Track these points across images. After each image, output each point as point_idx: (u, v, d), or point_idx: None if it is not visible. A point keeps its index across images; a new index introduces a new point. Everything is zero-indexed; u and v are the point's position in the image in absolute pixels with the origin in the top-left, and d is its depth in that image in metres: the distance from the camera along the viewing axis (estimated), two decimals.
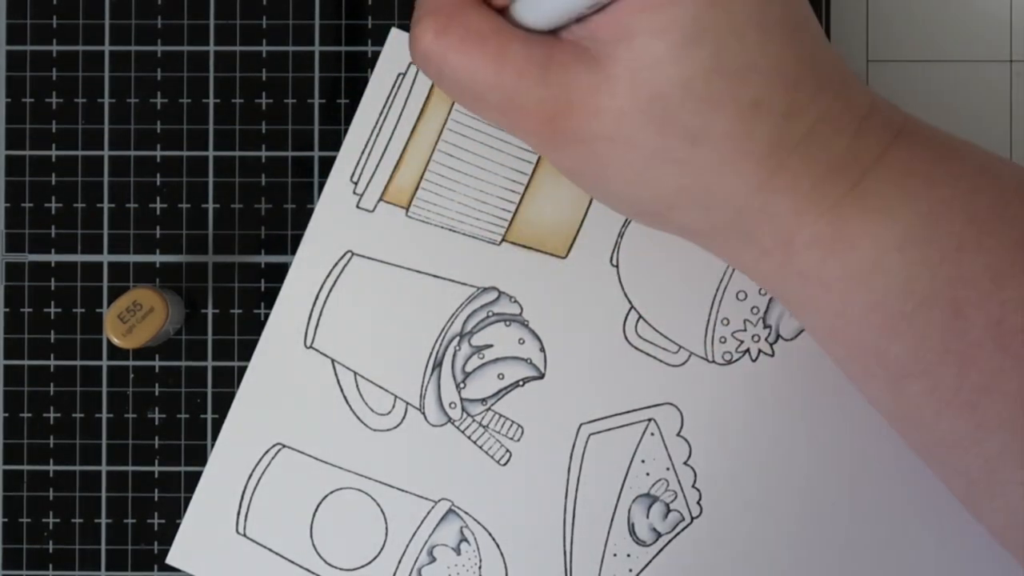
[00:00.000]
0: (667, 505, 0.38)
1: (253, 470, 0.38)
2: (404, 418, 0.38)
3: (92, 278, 0.39)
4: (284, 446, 0.38)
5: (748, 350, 0.38)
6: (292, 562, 0.38)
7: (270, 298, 0.39)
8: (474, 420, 0.38)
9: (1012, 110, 0.39)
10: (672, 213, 0.32)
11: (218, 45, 0.39)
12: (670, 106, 0.29)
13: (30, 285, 0.39)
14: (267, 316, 0.38)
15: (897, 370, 0.31)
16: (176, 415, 0.39)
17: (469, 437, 0.38)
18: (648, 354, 0.38)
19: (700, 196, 0.31)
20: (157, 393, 0.39)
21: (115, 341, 0.36)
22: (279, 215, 0.39)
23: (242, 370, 0.38)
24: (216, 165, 0.39)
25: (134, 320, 0.35)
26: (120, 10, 0.39)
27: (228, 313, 0.39)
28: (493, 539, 0.38)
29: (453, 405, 0.38)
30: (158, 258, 0.39)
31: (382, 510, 0.38)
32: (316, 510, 0.38)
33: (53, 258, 0.39)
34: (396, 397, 0.38)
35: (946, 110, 0.39)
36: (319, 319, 0.38)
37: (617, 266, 0.38)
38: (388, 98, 0.38)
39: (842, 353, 0.33)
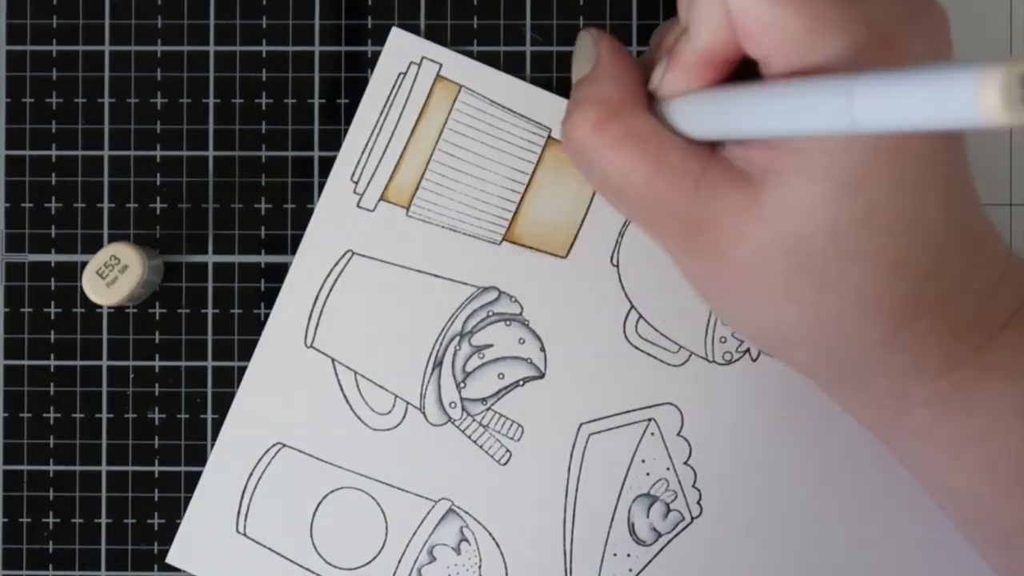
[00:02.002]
0: (667, 505, 0.38)
1: (253, 469, 0.38)
2: (404, 417, 0.38)
3: None
4: (284, 445, 0.38)
5: (748, 350, 0.38)
6: (292, 561, 0.38)
7: (270, 298, 0.39)
8: (474, 420, 0.38)
9: None
10: (790, 350, 0.31)
11: (218, 45, 0.39)
12: (812, 251, 0.28)
13: (30, 285, 0.39)
14: (267, 316, 0.38)
15: (1009, 527, 0.31)
16: (176, 415, 0.39)
17: (469, 437, 0.38)
18: (648, 354, 0.38)
19: (821, 339, 0.30)
20: (157, 393, 0.39)
21: (94, 298, 0.36)
22: (279, 215, 0.39)
23: (242, 370, 0.38)
24: (216, 165, 0.39)
25: (113, 275, 0.35)
26: (120, 10, 0.39)
27: (228, 313, 0.39)
28: (493, 539, 0.38)
29: (453, 405, 0.38)
30: (158, 258, 0.39)
31: (382, 509, 0.38)
32: (316, 509, 0.38)
33: (53, 258, 0.39)
34: (396, 396, 0.38)
35: None
36: (319, 318, 0.38)
37: (617, 266, 0.38)
38: (388, 98, 0.38)
39: (951, 508, 0.33)
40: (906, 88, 0.22)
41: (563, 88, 0.39)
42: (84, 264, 0.38)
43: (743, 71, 0.29)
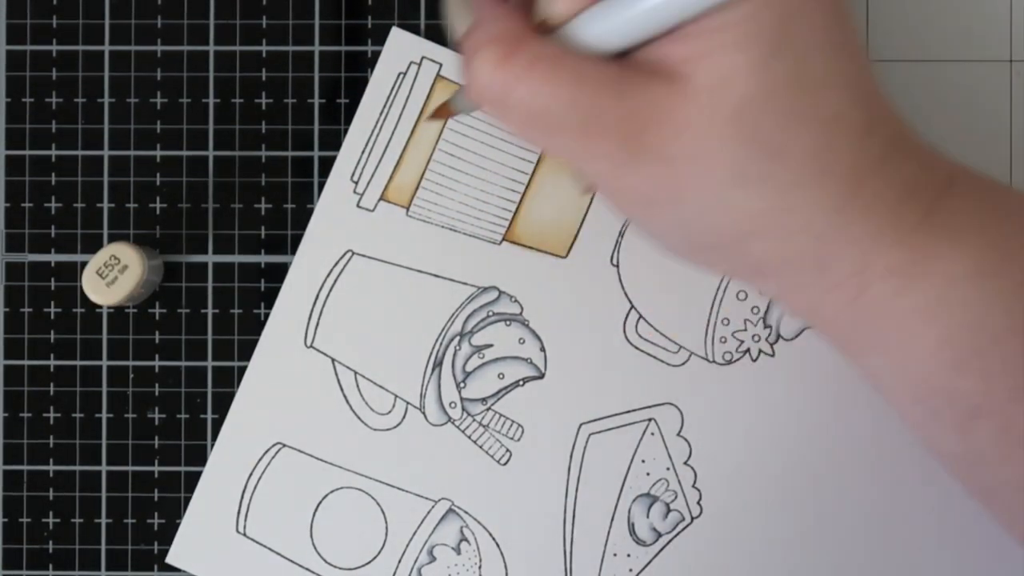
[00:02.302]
0: (667, 505, 0.38)
1: (253, 469, 0.38)
2: (404, 417, 0.38)
3: None
4: (284, 445, 0.38)
5: (748, 350, 0.38)
6: (292, 561, 0.38)
7: (270, 298, 0.39)
8: (474, 420, 0.38)
9: (1012, 110, 0.39)
10: (748, 242, 0.30)
11: (218, 45, 0.39)
12: (752, 120, 0.28)
13: (30, 285, 0.39)
14: (267, 316, 0.38)
15: (967, 409, 0.30)
16: (176, 415, 0.39)
17: (469, 437, 0.38)
18: (648, 354, 0.38)
19: (780, 219, 0.29)
20: (157, 393, 0.39)
21: (94, 298, 0.36)
22: (279, 215, 0.39)
23: (242, 370, 0.38)
24: (216, 165, 0.39)
25: (112, 275, 0.35)
26: (120, 10, 0.39)
27: (228, 313, 0.39)
28: (493, 539, 0.38)
29: (453, 404, 0.38)
30: (158, 258, 0.39)
31: (382, 509, 0.38)
32: (316, 509, 0.38)
33: (53, 258, 0.39)
34: (396, 396, 0.38)
35: (946, 110, 0.39)
36: (319, 318, 0.38)
37: (617, 266, 0.38)
38: (388, 98, 0.38)
39: (908, 395, 0.32)
40: None
41: None
42: (84, 264, 0.38)
43: None
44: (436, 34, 0.39)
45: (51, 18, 0.39)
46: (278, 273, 0.39)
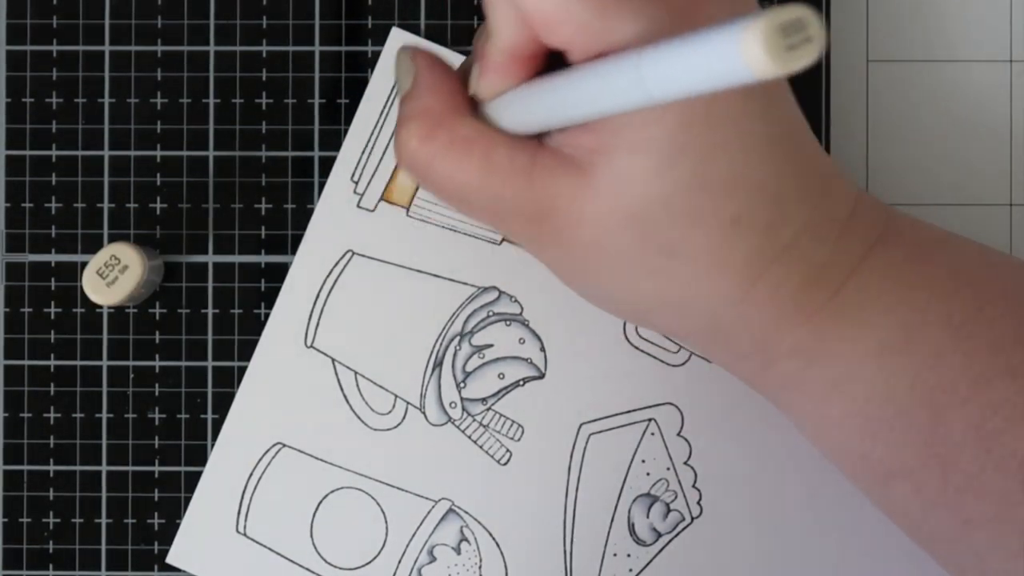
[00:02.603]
0: (667, 505, 0.38)
1: (253, 469, 0.38)
2: (404, 418, 0.38)
3: None
4: (284, 445, 0.38)
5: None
6: (292, 561, 0.38)
7: (270, 298, 0.39)
8: (474, 420, 0.38)
9: (1012, 110, 0.39)
10: (651, 317, 0.32)
11: (218, 45, 0.39)
12: (649, 221, 0.29)
13: (30, 285, 0.39)
14: (267, 316, 0.38)
15: (882, 472, 0.31)
16: (176, 415, 0.39)
17: (469, 437, 0.38)
18: (648, 354, 0.38)
19: (677, 305, 0.31)
20: (157, 393, 0.39)
21: (94, 298, 0.36)
22: (279, 215, 0.39)
23: (242, 370, 0.38)
24: (216, 165, 0.39)
25: (113, 275, 0.35)
26: (120, 10, 0.39)
27: (228, 313, 0.39)
28: (493, 539, 0.38)
29: (453, 405, 0.38)
30: (158, 258, 0.39)
31: (382, 510, 0.38)
32: (316, 509, 0.38)
33: (53, 258, 0.39)
34: (396, 397, 0.38)
35: (946, 110, 0.39)
36: (319, 318, 0.38)
37: None
38: (388, 98, 0.38)
39: (829, 453, 0.33)
40: (684, 53, 0.22)
41: None
42: (84, 264, 0.38)
43: (555, 61, 0.29)
44: (436, 34, 0.39)
45: (51, 18, 0.39)
46: (278, 273, 0.39)
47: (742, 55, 0.20)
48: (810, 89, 0.38)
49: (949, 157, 0.39)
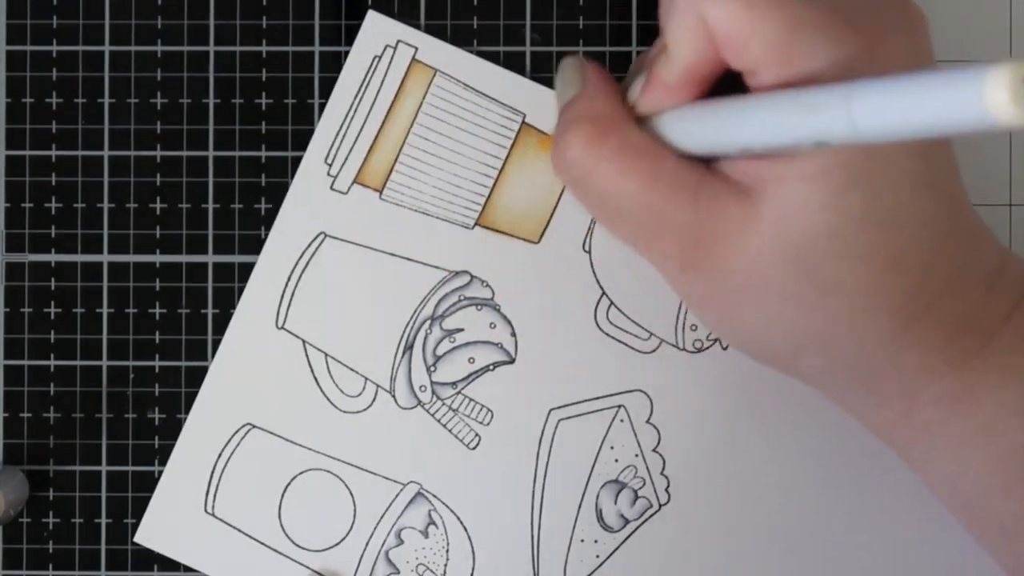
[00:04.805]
0: (635, 492, 0.38)
1: (222, 450, 0.38)
2: (374, 400, 0.38)
3: (92, 278, 0.39)
4: (254, 426, 0.38)
5: (719, 338, 0.38)
6: (260, 542, 0.38)
7: None
8: (444, 403, 0.38)
9: None
10: (799, 357, 0.31)
11: (218, 45, 0.39)
12: (812, 255, 0.28)
13: (30, 285, 0.39)
14: None
15: (1013, 528, 0.31)
16: (176, 415, 0.39)
17: (439, 420, 0.38)
18: (619, 340, 0.38)
19: (829, 344, 0.30)
20: (157, 393, 0.39)
21: None
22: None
23: None
24: (216, 165, 0.39)
25: None
26: (120, 10, 0.39)
27: (227, 313, 0.39)
28: (461, 523, 0.38)
29: (423, 388, 0.38)
30: (158, 258, 0.39)
31: (350, 492, 0.38)
32: (285, 491, 0.38)
33: (53, 258, 0.39)
34: (366, 379, 0.38)
35: None
36: (291, 300, 0.38)
37: (589, 252, 0.38)
38: (364, 80, 0.38)
39: (958, 509, 0.33)
40: (909, 93, 0.21)
41: None
42: (84, 264, 0.39)
43: (722, 84, 0.29)
44: (436, 34, 0.39)
45: (51, 18, 0.39)
46: None
47: (985, 100, 0.20)
48: None
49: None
